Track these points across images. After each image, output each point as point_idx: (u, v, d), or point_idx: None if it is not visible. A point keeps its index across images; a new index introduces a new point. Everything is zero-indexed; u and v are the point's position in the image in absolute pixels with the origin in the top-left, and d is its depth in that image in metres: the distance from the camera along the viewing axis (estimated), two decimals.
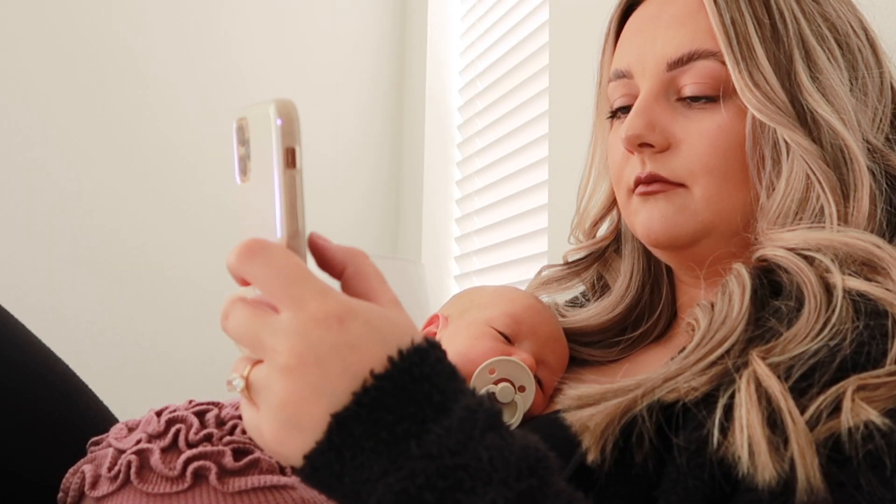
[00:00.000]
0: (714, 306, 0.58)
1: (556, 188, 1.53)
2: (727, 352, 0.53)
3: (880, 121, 0.65)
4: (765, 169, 0.63)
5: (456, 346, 0.70)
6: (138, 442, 0.60)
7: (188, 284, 1.94)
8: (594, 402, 0.53)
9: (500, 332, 0.72)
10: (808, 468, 0.44)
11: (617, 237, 0.81)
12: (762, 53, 0.63)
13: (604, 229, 0.82)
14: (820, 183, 0.60)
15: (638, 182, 0.68)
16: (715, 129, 0.65)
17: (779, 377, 0.49)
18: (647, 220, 0.68)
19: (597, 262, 0.82)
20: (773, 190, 0.62)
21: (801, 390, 0.48)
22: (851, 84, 0.65)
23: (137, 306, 1.89)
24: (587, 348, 0.78)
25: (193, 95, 2.02)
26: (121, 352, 1.85)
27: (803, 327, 0.51)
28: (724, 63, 0.64)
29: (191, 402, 0.64)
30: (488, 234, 1.90)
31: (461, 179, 2.07)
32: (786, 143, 0.62)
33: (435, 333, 0.78)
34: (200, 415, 0.61)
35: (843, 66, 0.65)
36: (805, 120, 0.62)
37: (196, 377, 1.85)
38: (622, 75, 0.71)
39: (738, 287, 0.58)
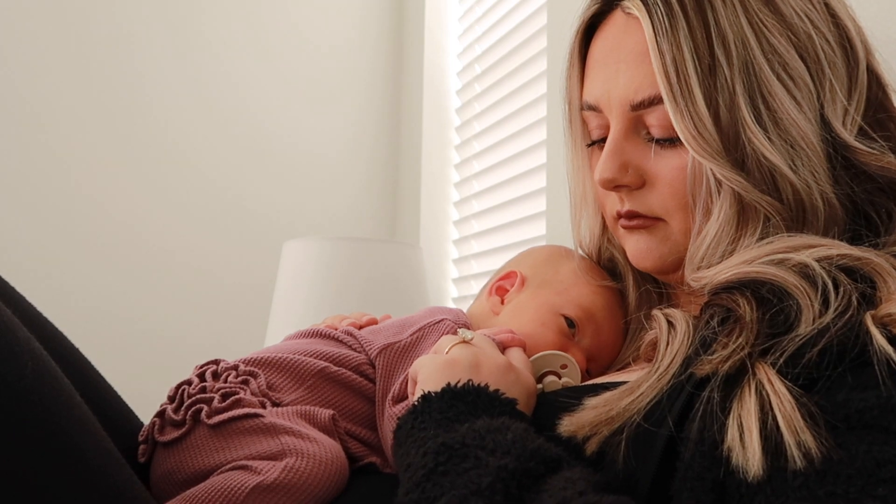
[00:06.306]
0: (714, 311, 0.57)
1: (553, 173, 1.53)
2: (732, 352, 0.51)
3: (852, 118, 0.64)
4: (700, 205, 0.64)
5: (522, 322, 0.76)
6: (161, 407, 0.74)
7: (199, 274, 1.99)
8: (595, 405, 0.54)
9: (567, 320, 0.77)
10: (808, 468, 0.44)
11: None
12: (700, 95, 0.62)
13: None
14: (756, 211, 0.61)
15: (619, 216, 0.70)
16: (682, 167, 0.65)
17: (783, 377, 0.48)
18: (633, 249, 0.71)
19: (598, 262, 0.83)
20: (707, 222, 0.63)
21: (805, 387, 0.47)
22: (818, 91, 0.63)
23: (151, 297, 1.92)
24: None
25: (198, 74, 2.03)
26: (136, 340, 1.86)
27: (804, 326, 0.50)
28: None
29: (196, 366, 0.78)
30: (486, 217, 1.90)
31: (458, 182, 2.06)
32: (717, 180, 0.62)
33: (507, 290, 0.81)
34: (201, 375, 0.75)
35: (802, 78, 0.63)
36: (743, 154, 0.62)
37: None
38: (592, 108, 0.72)
39: (742, 291, 0.56)
